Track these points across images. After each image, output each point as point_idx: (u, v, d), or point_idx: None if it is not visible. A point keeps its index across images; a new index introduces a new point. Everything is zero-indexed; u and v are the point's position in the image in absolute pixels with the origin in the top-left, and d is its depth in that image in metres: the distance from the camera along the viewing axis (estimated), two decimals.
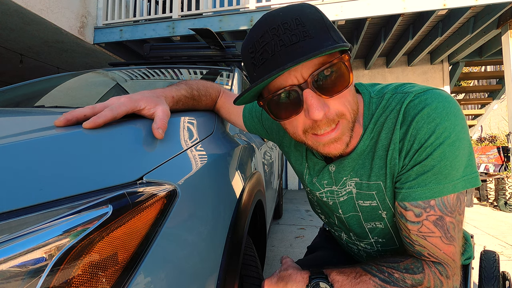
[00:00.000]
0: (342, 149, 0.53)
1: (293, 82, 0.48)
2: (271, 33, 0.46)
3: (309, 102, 0.47)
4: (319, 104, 0.47)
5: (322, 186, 0.68)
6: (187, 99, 0.73)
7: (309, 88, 0.47)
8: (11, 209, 0.31)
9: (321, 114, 0.47)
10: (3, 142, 0.38)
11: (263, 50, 0.46)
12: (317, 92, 0.47)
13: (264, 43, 0.46)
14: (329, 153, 0.53)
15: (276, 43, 0.45)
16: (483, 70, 8.46)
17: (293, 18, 0.45)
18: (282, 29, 0.45)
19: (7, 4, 3.24)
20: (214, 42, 1.84)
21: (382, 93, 0.58)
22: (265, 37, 0.46)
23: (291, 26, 0.45)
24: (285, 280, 0.59)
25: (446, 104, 0.51)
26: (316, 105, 0.47)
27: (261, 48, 0.47)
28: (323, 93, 0.48)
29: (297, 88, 0.48)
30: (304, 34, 0.45)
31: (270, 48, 0.46)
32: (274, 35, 0.45)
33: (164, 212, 0.42)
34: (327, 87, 0.48)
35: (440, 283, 0.52)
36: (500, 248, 2.41)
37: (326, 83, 0.47)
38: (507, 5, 3.48)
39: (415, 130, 0.51)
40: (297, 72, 0.47)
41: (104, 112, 0.49)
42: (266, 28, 0.46)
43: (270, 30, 0.46)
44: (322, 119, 0.48)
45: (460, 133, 0.50)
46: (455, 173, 0.50)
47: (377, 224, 0.65)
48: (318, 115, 0.47)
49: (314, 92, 0.47)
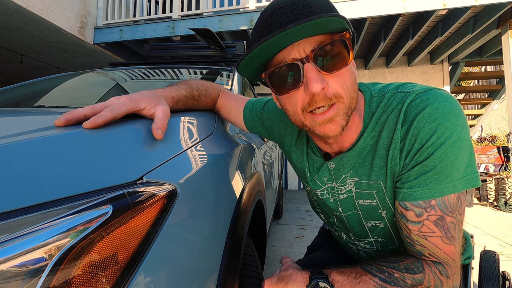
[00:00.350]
0: (337, 131, 0.53)
1: (295, 56, 0.50)
2: (279, 11, 0.49)
3: (309, 75, 0.49)
4: (318, 78, 0.49)
5: (323, 183, 0.68)
6: (187, 99, 0.73)
7: (310, 62, 0.49)
8: (11, 209, 0.31)
9: (319, 87, 0.48)
10: (3, 142, 0.38)
11: (270, 27, 0.49)
12: (317, 67, 0.49)
13: (272, 20, 0.49)
14: (325, 134, 0.53)
15: (283, 20, 0.48)
16: (483, 70, 8.46)
17: (301, 0, 0.48)
18: (290, 8, 0.48)
19: (7, 4, 3.24)
20: (214, 42, 1.84)
21: (383, 92, 0.58)
22: (273, 15, 0.49)
23: (298, 6, 0.48)
24: (285, 280, 0.59)
25: (447, 104, 0.51)
26: (315, 78, 0.48)
27: (268, 25, 0.50)
28: (322, 69, 0.49)
29: (298, 62, 0.50)
30: (309, 13, 0.47)
31: (277, 24, 0.49)
32: (282, 13, 0.48)
33: (164, 212, 0.42)
34: (327, 63, 0.50)
35: (440, 282, 0.52)
36: (500, 248, 2.41)
37: (326, 59, 0.50)
38: (507, 5, 3.48)
39: (416, 129, 0.51)
40: (299, 47, 0.49)
41: (104, 112, 0.49)
42: (275, 8, 0.49)
43: (278, 9, 0.49)
44: (320, 94, 0.50)
45: (461, 133, 0.50)
46: (456, 173, 0.50)
47: (377, 224, 0.65)
48: (316, 88, 0.48)
49: (314, 66, 0.49)
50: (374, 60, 5.44)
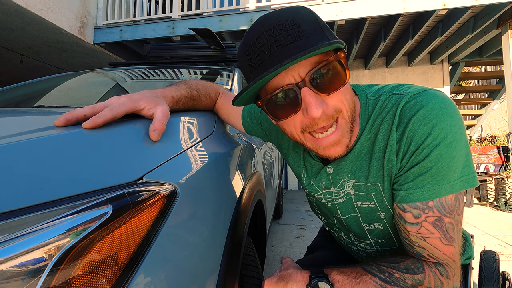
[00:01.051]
0: (342, 152, 0.53)
1: (291, 81, 0.48)
2: (267, 34, 0.46)
3: (307, 101, 0.48)
4: (317, 102, 0.48)
5: (320, 188, 0.68)
6: (187, 99, 0.73)
7: (307, 86, 0.48)
8: (11, 209, 0.31)
9: (320, 111, 0.48)
10: (3, 142, 0.38)
11: (259, 51, 0.47)
12: (314, 90, 0.48)
13: (260, 44, 0.47)
14: (329, 155, 0.54)
15: (272, 44, 0.46)
16: (483, 70, 8.46)
17: (288, 19, 0.46)
18: (277, 30, 0.46)
19: (7, 4, 3.24)
20: (214, 42, 1.84)
21: (378, 95, 0.58)
22: (261, 38, 0.47)
23: (286, 27, 0.46)
24: (286, 280, 0.59)
25: (442, 105, 0.51)
26: (314, 103, 0.47)
27: (257, 49, 0.47)
28: (320, 91, 0.48)
29: (294, 87, 0.48)
30: (300, 34, 0.45)
31: (267, 48, 0.46)
32: (270, 36, 0.46)
33: (164, 212, 0.42)
34: (324, 85, 0.48)
35: (441, 283, 0.52)
36: (500, 248, 2.41)
37: (323, 81, 0.48)
38: (507, 5, 3.48)
39: (411, 131, 0.51)
40: (294, 71, 0.48)
41: (104, 112, 0.49)
42: (262, 30, 0.47)
43: (266, 32, 0.47)
44: (321, 117, 0.49)
45: (457, 133, 0.50)
46: (453, 174, 0.50)
47: (376, 226, 0.64)
48: (316, 113, 0.47)
49: (311, 90, 0.48)
50: (374, 60, 5.44)
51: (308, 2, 3.85)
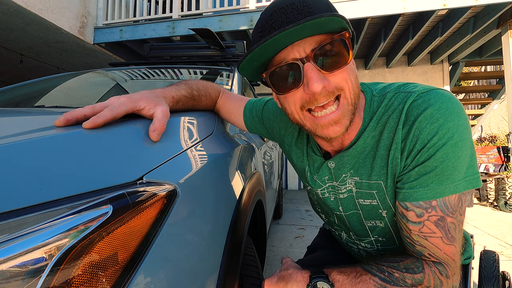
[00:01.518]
0: (341, 132, 0.53)
1: (295, 56, 0.50)
2: (279, 12, 0.49)
3: (309, 75, 0.49)
4: (318, 77, 0.49)
5: (323, 182, 0.68)
6: (187, 99, 0.73)
7: (310, 62, 0.49)
8: (11, 209, 0.31)
9: (320, 86, 0.49)
10: (3, 142, 0.38)
11: (271, 27, 0.50)
12: (317, 66, 0.50)
13: (272, 21, 0.50)
14: (328, 135, 0.54)
15: (283, 20, 0.49)
16: (483, 70, 8.46)
17: (300, 0, 0.49)
18: (289, 9, 0.49)
19: (7, 4, 3.24)
20: (214, 42, 1.84)
21: (384, 92, 0.58)
22: (273, 15, 0.50)
23: (298, 7, 0.48)
24: (286, 280, 0.59)
25: (449, 105, 0.51)
26: (315, 77, 0.49)
27: (269, 25, 0.50)
28: (323, 68, 0.50)
29: (298, 62, 0.50)
30: (309, 13, 0.48)
31: (277, 24, 0.49)
32: (282, 13, 0.49)
33: (164, 212, 0.42)
34: (327, 62, 0.50)
35: (440, 282, 0.52)
36: (500, 248, 2.41)
37: (326, 58, 0.50)
38: (507, 5, 3.48)
39: (417, 130, 0.51)
40: (300, 47, 0.50)
41: (104, 112, 0.49)
42: (275, 9, 0.50)
43: (278, 10, 0.49)
44: (321, 92, 0.50)
45: (463, 134, 0.50)
46: (457, 174, 0.50)
47: (378, 223, 0.65)
48: (317, 87, 0.49)
49: (314, 66, 0.49)
50: (374, 60, 5.44)
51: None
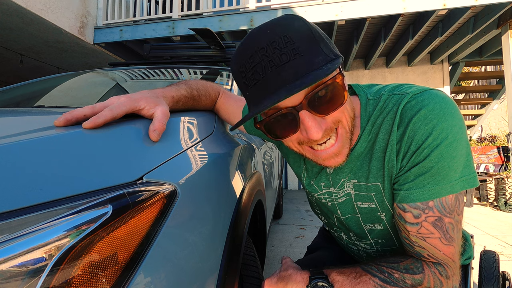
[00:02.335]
0: (343, 162, 0.53)
1: (288, 104, 0.48)
2: (260, 53, 0.45)
3: (307, 124, 0.48)
4: (316, 125, 0.48)
5: (320, 188, 0.68)
6: (187, 99, 0.73)
7: (305, 109, 0.48)
8: (11, 209, 0.31)
9: (320, 134, 0.48)
10: (3, 142, 0.38)
11: (253, 70, 0.46)
12: (313, 112, 0.48)
13: (254, 64, 0.46)
14: (330, 166, 0.54)
15: (266, 64, 0.44)
16: (483, 70, 8.46)
17: (281, 36, 0.45)
18: (271, 48, 0.44)
19: (7, 4, 3.24)
20: (214, 42, 1.84)
21: (379, 95, 0.58)
22: (254, 57, 0.45)
23: (280, 45, 0.44)
24: (285, 280, 0.59)
25: (443, 105, 0.50)
26: (314, 126, 0.47)
27: (251, 68, 0.46)
28: (319, 113, 0.48)
29: (293, 111, 0.48)
30: (294, 52, 0.44)
31: (261, 69, 0.45)
32: (263, 55, 0.45)
33: (164, 212, 0.42)
34: (322, 106, 0.48)
35: (440, 283, 0.52)
36: (500, 248, 2.41)
37: (321, 103, 0.48)
38: (507, 5, 3.48)
39: (412, 131, 0.51)
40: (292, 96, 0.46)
41: (104, 112, 0.49)
42: (255, 49, 0.46)
43: (259, 51, 0.45)
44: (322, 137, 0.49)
45: (458, 134, 0.50)
46: (453, 174, 0.50)
47: (376, 226, 0.65)
48: (317, 136, 0.48)
49: (310, 112, 0.48)
50: (374, 60, 5.44)
51: (308, 2, 3.85)
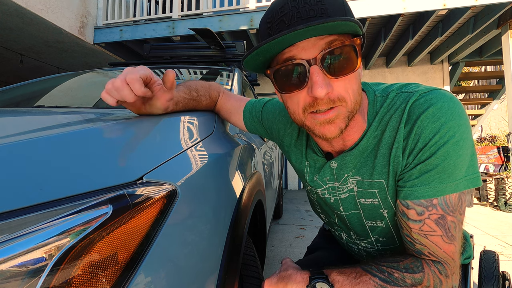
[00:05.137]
0: (336, 133, 0.53)
1: (302, 57, 0.49)
2: (291, 4, 0.47)
3: (314, 79, 0.48)
4: (323, 82, 0.48)
5: (324, 182, 0.68)
6: (187, 100, 0.74)
7: (317, 65, 0.48)
8: (11, 209, 0.31)
9: (324, 92, 0.48)
10: (3, 142, 0.38)
11: (280, 20, 0.48)
12: (323, 70, 0.48)
13: (282, 14, 0.48)
14: (324, 134, 0.53)
15: (293, 15, 0.46)
16: (483, 70, 8.45)
17: None
18: (302, 2, 0.46)
19: (7, 4, 3.24)
20: (214, 42, 1.84)
21: (386, 92, 0.58)
22: (284, 8, 0.48)
23: (311, 1, 0.46)
24: (285, 281, 0.59)
25: (451, 104, 0.51)
26: (320, 82, 0.48)
27: (278, 18, 0.48)
28: (329, 73, 0.49)
29: (305, 63, 0.49)
30: (322, 11, 0.46)
31: (287, 18, 0.47)
32: (293, 7, 0.47)
33: (164, 212, 0.42)
34: (334, 67, 0.49)
35: (440, 282, 0.52)
36: (500, 248, 2.41)
37: (334, 63, 0.48)
38: (507, 5, 3.48)
39: (419, 129, 0.52)
40: (308, 47, 0.48)
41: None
42: (287, 0, 0.48)
43: (290, 2, 0.47)
44: (324, 98, 0.49)
45: (464, 133, 0.50)
46: (458, 172, 0.50)
47: (378, 223, 0.65)
48: (320, 93, 0.48)
49: (320, 70, 0.48)
50: (374, 60, 5.43)
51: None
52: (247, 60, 0.52)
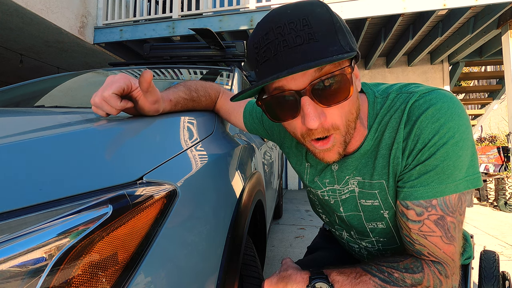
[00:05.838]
0: (336, 158, 0.54)
1: (292, 87, 0.47)
2: (276, 31, 0.45)
3: (306, 111, 0.47)
4: (315, 113, 0.47)
5: (324, 184, 0.68)
6: (186, 101, 0.73)
7: (307, 95, 0.47)
8: (11, 209, 0.31)
9: (317, 123, 0.47)
10: (3, 142, 0.38)
11: (266, 47, 0.46)
12: (315, 100, 0.47)
13: (268, 41, 0.46)
14: (324, 159, 0.54)
15: (279, 43, 0.44)
16: (483, 70, 8.45)
17: (300, 18, 0.44)
18: (287, 28, 0.44)
19: (7, 4, 3.24)
20: (214, 42, 1.84)
21: (386, 93, 0.58)
22: (269, 35, 0.45)
23: (297, 27, 0.44)
24: (285, 281, 0.59)
25: (450, 105, 0.51)
26: (312, 114, 0.47)
27: (264, 45, 0.46)
28: (321, 102, 0.47)
29: (295, 94, 0.47)
30: (309, 37, 0.44)
31: (273, 47, 0.45)
32: (278, 34, 0.45)
33: (164, 212, 0.42)
34: (325, 96, 0.47)
35: (440, 282, 0.52)
36: (500, 248, 2.41)
37: (325, 92, 0.47)
38: (507, 5, 3.48)
39: (419, 129, 0.52)
40: (297, 77, 0.46)
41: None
42: (272, 26, 0.45)
43: (275, 29, 0.45)
44: (318, 128, 0.49)
45: (464, 133, 0.50)
46: (458, 173, 0.50)
47: (379, 224, 0.65)
48: (313, 125, 0.47)
49: (312, 100, 0.47)
50: (374, 60, 5.44)
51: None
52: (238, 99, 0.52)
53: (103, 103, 0.56)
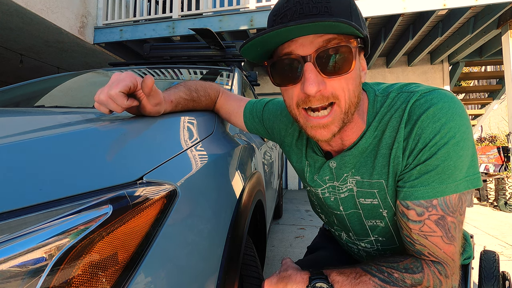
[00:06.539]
0: (327, 137, 0.53)
1: (298, 52, 0.49)
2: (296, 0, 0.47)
3: (307, 76, 0.49)
4: (315, 80, 0.48)
5: (324, 182, 0.68)
6: (186, 101, 0.74)
7: (311, 62, 0.48)
8: (11, 209, 0.31)
9: (315, 89, 0.48)
10: (3, 142, 0.38)
11: (283, 14, 0.49)
12: (317, 68, 0.49)
13: (286, 8, 0.48)
14: (315, 137, 0.54)
15: (296, 10, 0.47)
16: (483, 70, 8.45)
17: None
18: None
19: (7, 4, 3.24)
20: (214, 42, 1.84)
21: (387, 92, 0.58)
22: (289, 2, 0.48)
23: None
24: (285, 281, 0.59)
25: (451, 105, 0.51)
26: (312, 80, 0.48)
27: (283, 12, 0.49)
28: (322, 71, 0.49)
29: (300, 59, 0.49)
30: (325, 10, 0.46)
31: (290, 13, 0.48)
32: (297, 2, 0.47)
33: (164, 212, 0.42)
34: (328, 66, 0.49)
35: (439, 282, 0.52)
36: (500, 248, 2.41)
37: (328, 62, 0.49)
38: (507, 5, 3.48)
39: (420, 129, 0.52)
40: (305, 43, 0.49)
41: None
42: None
43: None
44: (315, 95, 0.50)
45: (465, 133, 0.50)
46: (458, 173, 0.50)
47: (378, 223, 0.65)
48: (311, 90, 0.48)
49: (314, 67, 0.49)
50: (374, 60, 5.44)
51: None
52: (245, 49, 0.52)
53: (109, 101, 0.56)
